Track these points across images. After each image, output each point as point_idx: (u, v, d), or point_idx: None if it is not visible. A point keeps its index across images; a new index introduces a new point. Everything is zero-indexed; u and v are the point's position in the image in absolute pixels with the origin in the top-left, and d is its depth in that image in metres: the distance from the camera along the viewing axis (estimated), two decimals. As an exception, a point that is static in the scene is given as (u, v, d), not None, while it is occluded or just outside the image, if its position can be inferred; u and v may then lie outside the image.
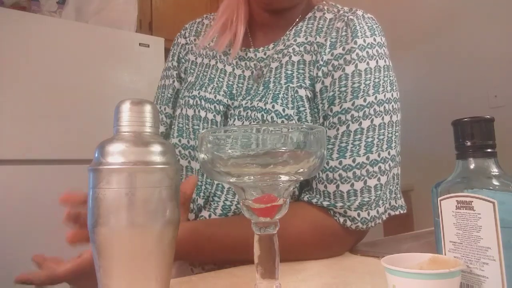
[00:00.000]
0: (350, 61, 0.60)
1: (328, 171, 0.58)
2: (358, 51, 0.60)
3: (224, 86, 0.69)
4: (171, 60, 0.80)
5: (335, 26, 0.65)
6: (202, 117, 0.67)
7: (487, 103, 2.35)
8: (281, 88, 0.63)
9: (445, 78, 2.68)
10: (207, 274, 0.52)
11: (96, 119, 1.69)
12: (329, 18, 0.68)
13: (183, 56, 0.78)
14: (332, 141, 0.59)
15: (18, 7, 1.80)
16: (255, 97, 0.64)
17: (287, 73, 0.64)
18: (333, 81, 0.61)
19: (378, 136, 0.57)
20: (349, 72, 0.60)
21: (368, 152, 0.57)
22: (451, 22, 2.61)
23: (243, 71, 0.70)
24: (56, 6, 1.92)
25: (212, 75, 0.71)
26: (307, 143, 0.32)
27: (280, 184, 0.33)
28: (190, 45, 0.78)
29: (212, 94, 0.68)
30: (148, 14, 2.28)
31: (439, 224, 0.37)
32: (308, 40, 0.66)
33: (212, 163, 0.32)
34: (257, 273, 0.34)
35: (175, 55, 0.79)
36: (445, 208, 0.36)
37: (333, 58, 0.62)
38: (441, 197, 0.36)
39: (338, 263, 0.56)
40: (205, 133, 0.33)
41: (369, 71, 0.59)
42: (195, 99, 0.68)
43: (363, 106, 0.58)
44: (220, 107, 0.67)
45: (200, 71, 0.73)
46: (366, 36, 0.62)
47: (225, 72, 0.71)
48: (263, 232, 0.34)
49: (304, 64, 0.64)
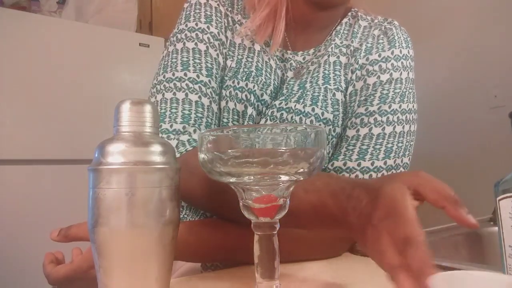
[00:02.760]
0: (386, 70, 0.62)
1: (344, 172, 0.58)
2: (393, 61, 0.62)
3: (271, 85, 0.62)
4: (205, 22, 0.62)
5: (371, 33, 0.66)
6: (248, 114, 0.60)
7: (487, 103, 2.35)
8: (320, 90, 0.61)
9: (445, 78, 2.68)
10: (207, 274, 0.52)
11: (96, 119, 1.69)
12: (363, 25, 0.68)
13: (227, 25, 0.64)
14: (352, 142, 0.59)
15: (18, 7, 1.80)
16: (290, 98, 0.60)
17: (325, 73, 0.63)
18: (366, 86, 0.62)
19: (397, 144, 0.59)
20: (384, 79, 0.61)
21: (386, 157, 0.58)
22: (450, 22, 2.61)
23: (283, 73, 0.65)
24: (56, 6, 1.93)
25: (259, 64, 0.63)
26: (307, 143, 0.32)
27: (280, 184, 0.33)
28: (228, 17, 0.65)
29: (258, 89, 0.60)
30: (148, 14, 2.28)
31: (499, 227, 0.33)
32: (343, 44, 0.66)
33: (212, 163, 0.32)
34: (257, 273, 0.34)
35: (211, 18, 0.62)
36: (504, 209, 0.33)
37: (368, 63, 0.63)
38: (500, 197, 0.33)
39: (338, 263, 0.56)
40: (205, 133, 0.33)
41: (399, 81, 0.61)
42: (244, 92, 0.60)
43: (387, 112, 0.59)
44: (260, 105, 0.61)
45: (243, 56, 0.63)
46: (403, 47, 0.64)
47: (271, 68, 0.64)
48: (263, 232, 0.34)
49: (340, 66, 0.64)
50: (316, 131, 0.32)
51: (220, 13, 0.64)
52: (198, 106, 0.56)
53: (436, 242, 0.68)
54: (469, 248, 0.71)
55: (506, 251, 0.32)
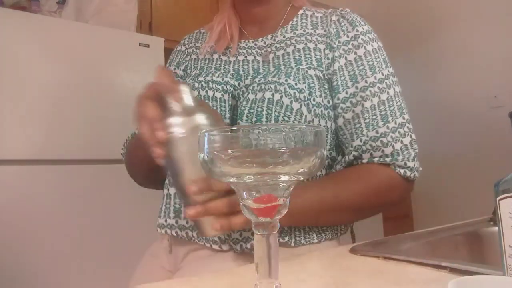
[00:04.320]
0: (359, 45, 0.70)
1: (363, 147, 0.66)
2: (361, 36, 0.71)
3: (231, 71, 0.75)
4: (169, 65, 0.86)
5: (330, 19, 0.75)
6: (210, 96, 0.71)
7: (487, 103, 2.35)
8: (292, 69, 0.69)
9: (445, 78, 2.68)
10: (207, 275, 0.52)
11: (96, 119, 1.69)
12: (319, 16, 0.77)
13: (184, 58, 0.85)
14: (355, 121, 0.68)
15: (18, 7, 1.80)
16: (268, 75, 0.69)
17: (295, 58, 0.71)
18: (349, 63, 0.70)
19: (389, 107, 0.67)
20: (361, 54, 0.70)
21: (386, 122, 0.67)
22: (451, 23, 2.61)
23: (245, 56, 0.76)
24: (56, 6, 1.92)
25: (217, 65, 0.77)
26: (307, 143, 0.32)
27: (280, 184, 0.33)
28: (190, 49, 0.85)
29: (219, 77, 0.73)
30: (148, 14, 2.28)
31: (499, 227, 0.33)
32: (306, 32, 0.75)
33: (212, 163, 0.32)
34: (257, 273, 0.34)
35: (174, 60, 0.86)
36: (504, 209, 0.32)
37: (342, 44, 0.71)
38: (500, 197, 0.33)
39: (338, 263, 0.56)
40: (205, 133, 0.33)
41: (373, 52, 0.71)
42: (201, 83, 0.73)
43: (367, 86, 0.68)
44: (227, 87, 0.72)
45: (204, 64, 0.79)
46: (362, 25, 0.73)
47: (229, 62, 0.77)
48: (263, 232, 0.34)
49: (309, 50, 0.72)
50: (316, 131, 0.32)
51: (176, 53, 0.87)
52: None
53: (436, 242, 0.68)
54: (469, 248, 0.71)
55: (506, 251, 0.32)
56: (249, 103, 0.67)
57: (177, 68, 0.85)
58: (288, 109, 0.65)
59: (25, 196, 1.53)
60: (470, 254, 0.70)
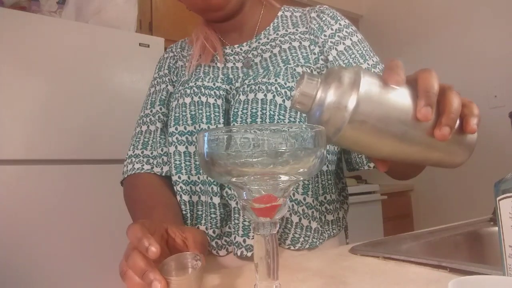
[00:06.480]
0: (345, 37, 0.73)
1: None
2: (345, 29, 0.75)
3: (220, 75, 0.75)
4: (160, 70, 0.86)
5: (310, 17, 0.78)
6: (203, 102, 0.71)
7: (487, 103, 2.34)
8: (281, 69, 0.71)
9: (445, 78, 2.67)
10: (206, 275, 0.52)
11: (96, 119, 1.69)
12: (298, 15, 0.80)
13: (173, 64, 0.85)
14: None
15: (18, 7, 1.80)
16: (257, 77, 0.71)
17: (283, 58, 0.73)
18: (341, 52, 0.72)
19: None
20: (349, 44, 0.73)
21: None
22: (450, 22, 2.60)
23: (234, 63, 0.77)
24: (56, 6, 1.92)
25: (205, 70, 0.78)
26: (307, 143, 0.32)
27: (280, 184, 0.33)
28: (178, 55, 0.86)
29: (210, 82, 0.73)
30: (148, 14, 2.28)
31: (499, 227, 0.33)
32: (289, 32, 0.77)
33: (212, 163, 0.32)
34: (257, 273, 0.34)
35: (164, 65, 0.86)
36: (504, 209, 0.32)
37: (328, 37, 0.74)
38: (500, 197, 0.33)
39: (338, 263, 0.56)
40: (205, 133, 0.33)
41: (359, 42, 0.74)
42: (192, 88, 0.73)
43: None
44: (220, 92, 0.72)
45: (193, 70, 0.80)
46: (342, 19, 0.77)
47: (218, 68, 0.77)
48: (263, 232, 0.34)
49: (295, 49, 0.74)
50: (316, 131, 0.32)
51: (165, 59, 0.87)
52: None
53: (436, 242, 0.68)
54: (469, 248, 0.71)
55: (506, 251, 0.32)
56: (241, 104, 0.68)
57: (169, 73, 0.84)
58: (282, 107, 0.67)
59: (23, 196, 1.52)
60: (470, 254, 0.70)
